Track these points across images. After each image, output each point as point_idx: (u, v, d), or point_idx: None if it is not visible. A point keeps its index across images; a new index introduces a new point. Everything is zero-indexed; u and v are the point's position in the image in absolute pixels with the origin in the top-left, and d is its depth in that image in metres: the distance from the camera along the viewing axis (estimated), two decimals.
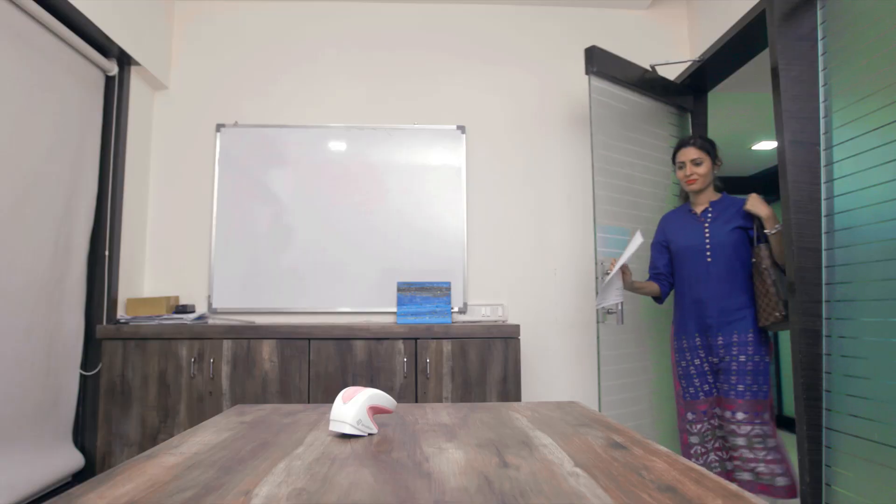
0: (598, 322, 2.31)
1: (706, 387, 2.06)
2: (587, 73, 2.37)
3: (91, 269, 2.41)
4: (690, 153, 2.10)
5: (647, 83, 2.58)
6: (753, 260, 1.99)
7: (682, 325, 2.13)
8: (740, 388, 1.93)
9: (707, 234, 2.07)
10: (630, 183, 2.50)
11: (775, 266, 1.94)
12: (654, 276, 2.25)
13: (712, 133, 3.14)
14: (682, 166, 2.12)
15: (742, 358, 1.96)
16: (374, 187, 2.77)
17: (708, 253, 2.05)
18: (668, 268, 2.23)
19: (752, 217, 2.01)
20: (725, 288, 2.02)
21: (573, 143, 2.88)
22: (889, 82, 1.61)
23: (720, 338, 2.01)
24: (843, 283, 1.76)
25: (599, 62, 2.39)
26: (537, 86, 2.90)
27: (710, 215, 2.09)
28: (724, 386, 1.99)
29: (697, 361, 2.07)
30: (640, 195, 2.53)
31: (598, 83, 2.41)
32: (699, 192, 2.12)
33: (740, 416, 1.92)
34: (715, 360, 2.04)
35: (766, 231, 1.94)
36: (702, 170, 2.08)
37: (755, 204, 1.97)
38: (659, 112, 2.66)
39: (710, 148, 2.10)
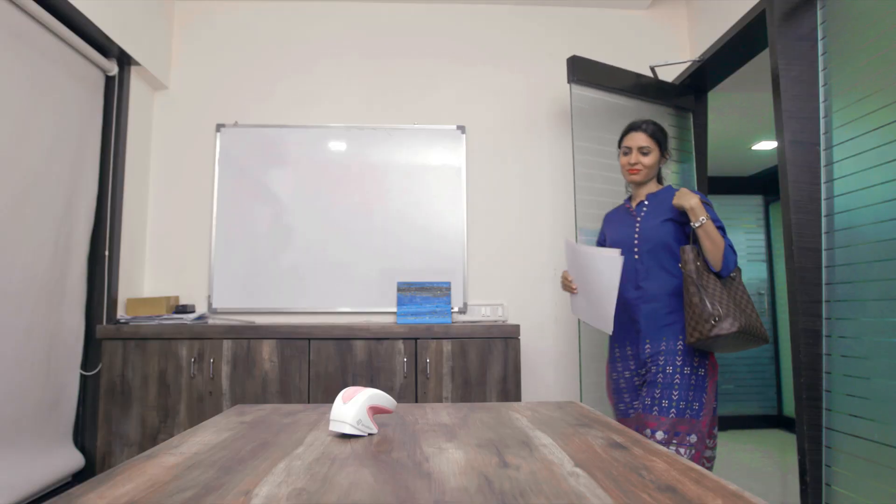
0: (579, 321, 2.32)
1: (636, 403, 1.79)
2: (569, 81, 2.41)
3: (91, 269, 2.41)
4: (639, 139, 1.83)
5: (639, 87, 2.59)
6: (680, 265, 1.74)
7: (615, 331, 1.85)
8: (664, 403, 1.65)
9: (637, 230, 1.83)
10: (623, 187, 2.51)
11: (704, 271, 1.67)
12: None
13: (712, 133, 3.14)
14: (627, 152, 1.86)
15: (669, 369, 1.68)
16: (374, 187, 2.77)
17: (636, 250, 1.81)
18: None
19: (685, 213, 1.74)
20: (654, 289, 1.76)
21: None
22: (889, 82, 1.61)
23: (648, 346, 1.75)
24: (843, 283, 1.76)
25: (583, 71, 2.42)
26: (537, 86, 2.90)
27: (644, 209, 1.85)
28: (646, 400, 1.70)
29: (628, 374, 1.83)
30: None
31: (583, 91, 2.44)
32: (640, 184, 1.88)
33: (660, 435, 1.63)
34: (643, 371, 1.78)
35: (691, 224, 1.68)
36: (648, 160, 1.82)
37: (681, 196, 1.71)
38: (656, 114, 2.66)
39: (661, 137, 1.85)
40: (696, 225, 1.66)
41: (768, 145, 4.36)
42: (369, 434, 0.95)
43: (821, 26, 1.90)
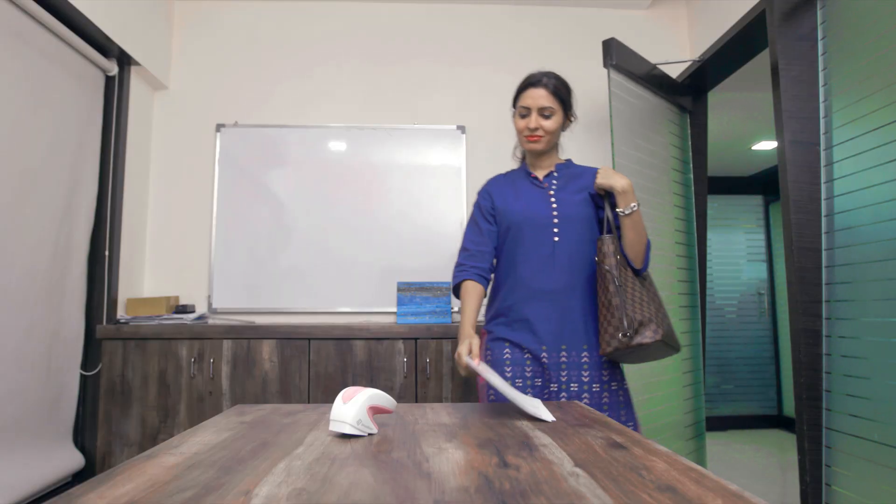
0: None
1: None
2: (605, 65, 2.29)
3: (91, 269, 2.41)
4: (540, 97, 1.48)
5: (654, 79, 2.55)
6: (596, 258, 1.43)
7: (509, 317, 1.49)
8: None
9: (554, 204, 1.49)
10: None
11: (623, 268, 1.41)
12: (467, 255, 1.55)
13: (712, 133, 3.14)
14: (524, 114, 1.51)
15: (595, 387, 1.41)
16: (374, 187, 2.77)
17: (556, 230, 1.47)
18: (491, 245, 1.55)
19: (604, 196, 1.48)
20: (574, 282, 1.45)
21: (572, 143, 2.87)
22: (889, 82, 1.61)
23: (564, 353, 1.43)
24: (843, 283, 1.76)
25: (618, 55, 2.29)
26: None
27: (555, 182, 1.54)
28: None
29: (518, 355, 1.46)
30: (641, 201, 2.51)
31: (616, 77, 2.31)
32: (541, 153, 1.56)
33: None
34: (554, 386, 1.42)
35: (617, 210, 1.42)
36: (550, 124, 1.49)
37: (608, 175, 1.43)
38: (660, 111, 2.65)
39: (565, 95, 1.52)
40: (626, 212, 1.41)
41: (768, 145, 4.36)
42: (369, 434, 0.95)
43: (821, 26, 1.90)
